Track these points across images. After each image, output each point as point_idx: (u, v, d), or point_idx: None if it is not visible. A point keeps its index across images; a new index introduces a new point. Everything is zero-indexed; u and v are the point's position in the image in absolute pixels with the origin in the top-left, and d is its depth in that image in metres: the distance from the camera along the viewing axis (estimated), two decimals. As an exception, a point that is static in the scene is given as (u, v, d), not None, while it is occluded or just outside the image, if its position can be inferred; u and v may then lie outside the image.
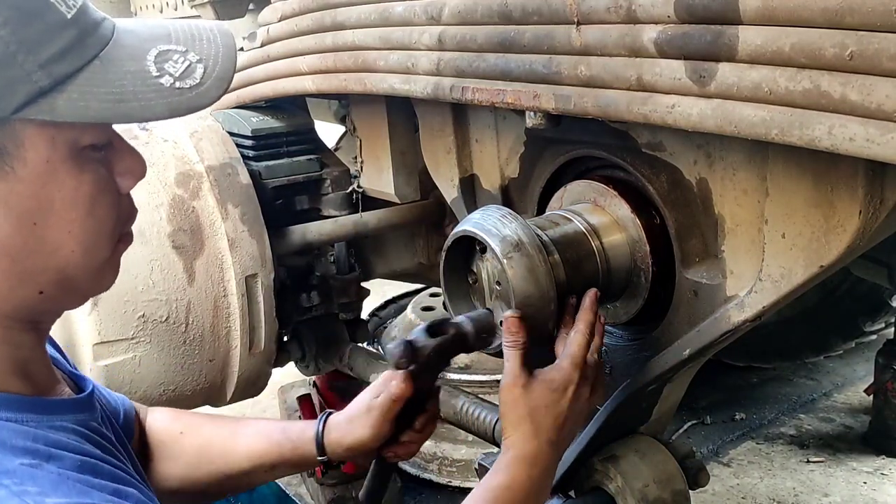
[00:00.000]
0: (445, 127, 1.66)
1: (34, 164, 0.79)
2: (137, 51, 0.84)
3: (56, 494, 0.74)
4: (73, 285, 0.87)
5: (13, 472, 0.75)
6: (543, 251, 1.21)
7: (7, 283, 0.82)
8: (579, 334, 1.18)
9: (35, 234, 0.81)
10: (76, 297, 0.91)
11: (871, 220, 0.98)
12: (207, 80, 0.85)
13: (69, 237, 0.83)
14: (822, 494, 3.04)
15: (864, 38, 0.77)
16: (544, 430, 1.13)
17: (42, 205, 0.80)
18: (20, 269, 0.82)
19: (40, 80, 0.76)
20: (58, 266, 0.84)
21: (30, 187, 0.79)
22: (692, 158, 1.22)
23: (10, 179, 0.78)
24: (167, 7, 3.18)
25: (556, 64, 1.15)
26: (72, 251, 0.84)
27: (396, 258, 2.53)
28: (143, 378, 1.80)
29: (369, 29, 1.53)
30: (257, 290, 1.93)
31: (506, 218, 1.23)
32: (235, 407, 2.29)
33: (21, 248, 0.81)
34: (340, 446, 1.24)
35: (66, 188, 0.81)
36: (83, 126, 0.81)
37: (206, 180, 1.90)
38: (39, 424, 0.83)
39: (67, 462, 0.80)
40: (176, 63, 0.85)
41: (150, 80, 0.83)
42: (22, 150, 0.78)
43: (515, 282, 1.18)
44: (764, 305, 1.13)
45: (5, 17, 0.74)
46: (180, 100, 0.83)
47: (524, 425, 1.13)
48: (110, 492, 0.80)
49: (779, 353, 3.77)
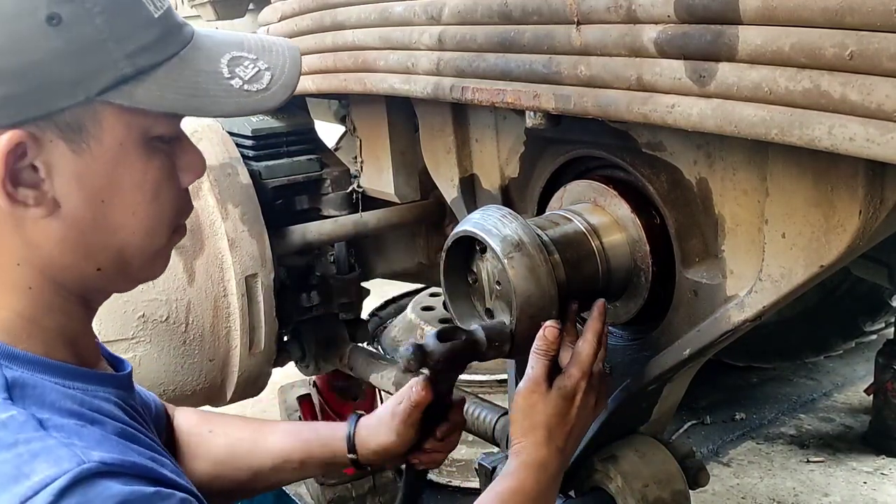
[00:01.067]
0: (445, 127, 1.66)
1: (109, 145, 0.85)
2: (213, 54, 0.92)
3: (100, 449, 0.79)
4: (129, 267, 0.93)
5: (62, 427, 0.80)
6: (544, 251, 1.21)
7: (71, 255, 0.88)
8: (587, 343, 1.19)
9: (102, 212, 0.87)
10: (129, 279, 0.97)
11: (871, 220, 0.98)
12: (274, 85, 0.93)
13: (133, 219, 0.89)
14: (822, 494, 3.05)
15: (865, 38, 0.77)
16: (555, 438, 1.16)
17: (112, 184, 0.86)
18: (85, 243, 0.87)
19: (125, 68, 0.82)
20: (118, 246, 0.90)
21: (103, 166, 0.85)
22: (692, 158, 1.22)
23: (86, 156, 0.84)
24: (167, 7, 3.17)
25: (556, 64, 1.15)
26: (133, 233, 0.90)
27: (396, 258, 2.53)
28: (143, 378, 1.80)
29: (369, 29, 1.53)
30: (257, 289, 1.93)
31: (506, 218, 1.23)
32: (235, 407, 2.29)
33: (88, 223, 0.86)
34: (367, 448, 1.29)
35: (135, 172, 0.88)
36: (156, 116, 0.87)
37: (206, 180, 1.90)
38: (86, 392, 0.88)
39: (109, 427, 0.86)
40: (246, 68, 0.92)
41: (222, 80, 0.90)
42: (99, 131, 0.84)
43: (517, 281, 1.19)
44: (764, 305, 1.13)
45: (103, 6, 0.81)
46: (247, 101, 0.90)
47: (537, 432, 1.15)
48: (147, 458, 0.85)
49: (779, 353, 3.78)
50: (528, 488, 1.12)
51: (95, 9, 0.80)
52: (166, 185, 0.92)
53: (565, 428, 1.16)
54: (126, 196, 0.88)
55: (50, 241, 0.86)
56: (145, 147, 0.88)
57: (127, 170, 0.87)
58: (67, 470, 0.74)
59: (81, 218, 0.86)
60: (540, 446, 1.14)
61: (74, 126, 0.82)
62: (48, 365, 0.86)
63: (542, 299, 1.20)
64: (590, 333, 1.20)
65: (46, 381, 0.84)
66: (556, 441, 1.15)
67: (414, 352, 1.14)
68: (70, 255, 0.87)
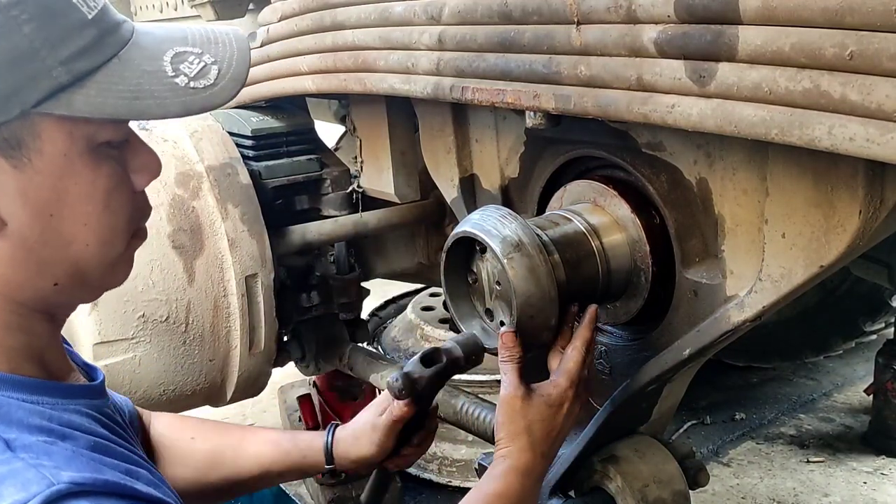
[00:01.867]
0: (445, 127, 1.66)
1: (51, 157, 0.81)
2: (155, 52, 0.87)
3: (70, 469, 0.76)
4: (88, 278, 0.90)
5: (29, 447, 0.77)
6: (544, 251, 1.21)
7: (24, 273, 0.85)
8: (576, 351, 1.21)
9: (51, 226, 0.83)
10: (90, 290, 0.94)
11: (871, 220, 0.98)
12: (221, 80, 0.88)
13: (84, 230, 0.86)
14: (822, 494, 3.04)
15: (864, 38, 0.77)
16: (539, 443, 1.17)
17: (59, 197, 0.83)
18: (36, 259, 0.84)
19: (60, 75, 0.79)
20: (72, 258, 0.86)
21: (47, 179, 0.82)
22: (692, 158, 1.22)
23: (28, 171, 0.80)
24: (167, 7, 3.18)
25: (556, 64, 1.15)
26: (86, 244, 0.86)
27: (396, 258, 2.53)
28: (143, 378, 1.80)
29: (369, 29, 1.53)
30: (257, 289, 1.93)
31: (505, 218, 1.23)
32: (235, 407, 2.29)
33: (37, 239, 0.83)
34: (346, 458, 1.31)
35: (82, 182, 0.84)
36: (100, 122, 0.84)
37: (206, 180, 1.90)
38: (55, 406, 0.85)
39: (81, 442, 0.83)
40: (191, 64, 0.88)
41: (166, 79, 0.85)
42: (39, 143, 0.80)
43: (516, 282, 1.19)
44: (764, 305, 1.13)
45: (31, 13, 0.77)
46: (194, 99, 0.86)
47: (521, 438, 1.17)
48: (122, 471, 0.83)
49: (779, 353, 3.77)
50: (512, 492, 1.14)
51: (22, 17, 0.76)
52: (118, 191, 0.88)
53: (550, 434, 1.18)
54: (76, 208, 0.84)
55: (0, 261, 0.83)
56: (92, 155, 0.84)
57: (74, 181, 0.83)
58: (36, 493, 0.72)
59: (30, 234, 0.82)
60: (524, 452, 1.16)
61: (13, 142, 0.79)
62: (13, 381, 0.83)
63: (542, 300, 1.20)
64: (578, 341, 1.21)
65: (12, 398, 0.82)
66: (541, 447, 1.17)
67: (403, 381, 1.20)
68: (23, 272, 0.84)
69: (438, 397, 1.33)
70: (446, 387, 1.93)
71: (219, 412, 2.54)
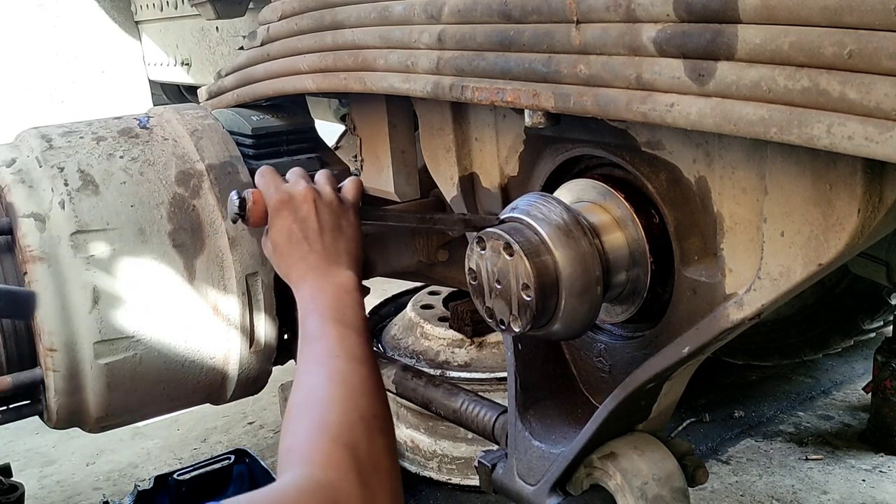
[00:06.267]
0: (445, 126, 1.66)
1: None
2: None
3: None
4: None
5: None
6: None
7: None
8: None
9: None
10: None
11: (870, 219, 0.98)
12: None
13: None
14: (821, 492, 3.05)
15: (863, 37, 0.78)
16: (299, 262, 1.18)
17: None
18: None
19: None
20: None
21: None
22: (691, 157, 1.23)
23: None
24: (167, 6, 3.18)
25: (556, 63, 1.15)
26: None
27: (396, 256, 2.53)
28: (144, 377, 1.81)
29: (369, 28, 1.53)
30: (258, 288, 1.93)
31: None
32: (236, 405, 2.29)
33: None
34: None
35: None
36: None
37: (207, 179, 1.90)
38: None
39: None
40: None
41: None
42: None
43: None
44: (763, 303, 1.13)
45: None
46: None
47: (290, 269, 1.18)
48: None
49: (778, 351, 3.78)
50: (318, 333, 1.12)
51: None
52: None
53: (296, 237, 1.22)
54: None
55: None
56: None
57: None
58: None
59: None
60: (298, 284, 1.17)
61: None
62: None
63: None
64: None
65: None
66: (304, 262, 1.19)
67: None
68: None
69: (439, 397, 1.31)
70: (445, 385, 1.94)
71: (219, 410, 2.54)
